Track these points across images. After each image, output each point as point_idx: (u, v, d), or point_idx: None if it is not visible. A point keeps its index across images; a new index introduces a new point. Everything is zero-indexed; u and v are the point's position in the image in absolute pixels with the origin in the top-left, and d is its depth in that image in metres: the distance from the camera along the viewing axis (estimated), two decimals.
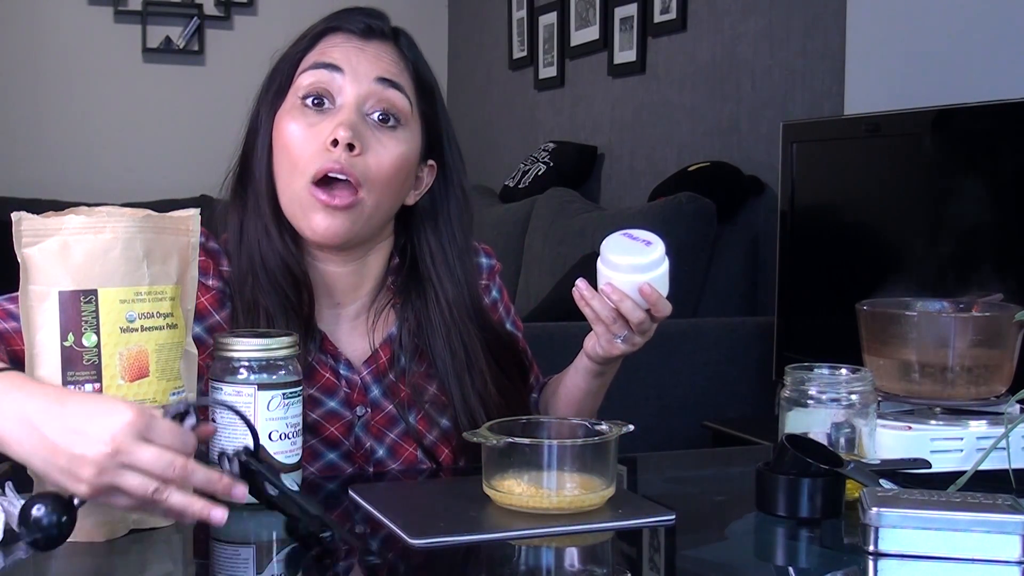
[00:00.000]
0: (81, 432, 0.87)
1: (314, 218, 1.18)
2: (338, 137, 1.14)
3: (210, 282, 1.23)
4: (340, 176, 1.17)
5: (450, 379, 1.26)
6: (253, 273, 1.22)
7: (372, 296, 1.30)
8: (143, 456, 0.87)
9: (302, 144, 1.16)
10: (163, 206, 1.60)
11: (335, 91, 1.18)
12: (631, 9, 4.02)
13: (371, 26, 1.22)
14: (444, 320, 1.27)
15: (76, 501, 0.90)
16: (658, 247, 1.24)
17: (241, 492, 0.94)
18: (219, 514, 0.91)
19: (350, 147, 1.15)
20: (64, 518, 0.89)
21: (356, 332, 1.29)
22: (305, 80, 1.18)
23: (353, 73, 1.18)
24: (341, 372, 1.25)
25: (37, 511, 0.88)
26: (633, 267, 1.23)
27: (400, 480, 1.29)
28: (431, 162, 1.28)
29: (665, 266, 1.25)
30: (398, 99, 1.19)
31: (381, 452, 1.25)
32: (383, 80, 1.19)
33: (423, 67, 1.26)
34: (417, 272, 1.28)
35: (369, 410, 1.25)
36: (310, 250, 1.25)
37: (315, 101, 1.18)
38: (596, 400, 1.40)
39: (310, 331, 1.21)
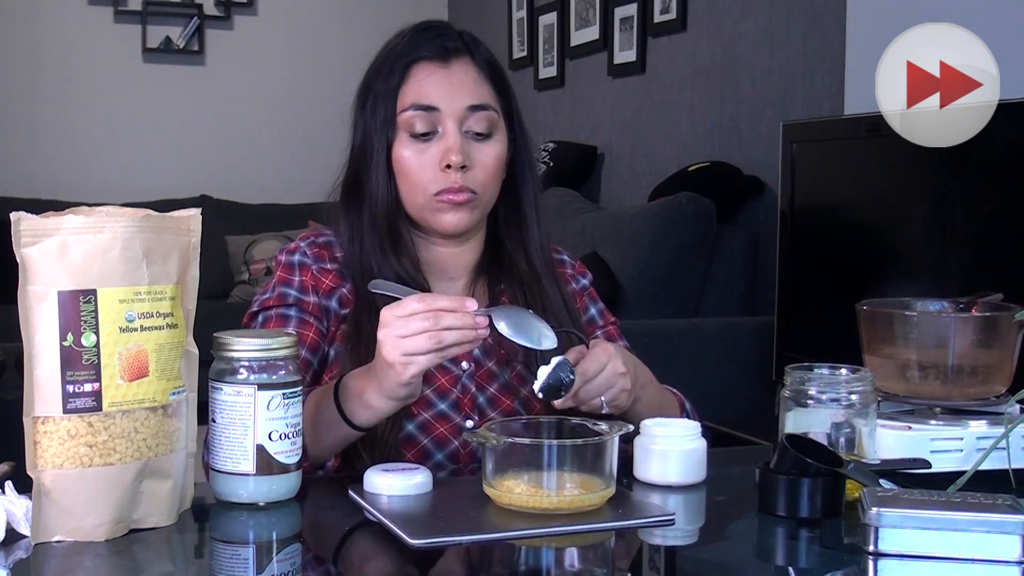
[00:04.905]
0: (380, 357, 1.18)
1: (444, 217, 1.41)
2: (451, 162, 1.38)
3: (328, 265, 1.44)
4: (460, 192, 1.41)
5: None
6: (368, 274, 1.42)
7: (477, 270, 1.51)
8: (409, 326, 1.16)
9: (419, 169, 1.40)
10: (163, 206, 1.61)
11: (437, 123, 1.40)
12: (631, 9, 4.02)
13: (448, 48, 1.42)
14: (527, 279, 1.46)
15: None
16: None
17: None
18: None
19: (462, 167, 1.39)
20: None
21: None
22: (409, 119, 1.40)
23: (449, 106, 1.40)
24: None
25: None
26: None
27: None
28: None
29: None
30: (488, 116, 1.42)
31: (482, 400, 1.42)
32: (474, 107, 1.40)
33: (495, 67, 1.46)
34: (504, 249, 1.49)
35: (472, 365, 1.43)
36: (430, 236, 1.46)
37: (423, 136, 1.40)
38: (651, 411, 1.40)
39: None
